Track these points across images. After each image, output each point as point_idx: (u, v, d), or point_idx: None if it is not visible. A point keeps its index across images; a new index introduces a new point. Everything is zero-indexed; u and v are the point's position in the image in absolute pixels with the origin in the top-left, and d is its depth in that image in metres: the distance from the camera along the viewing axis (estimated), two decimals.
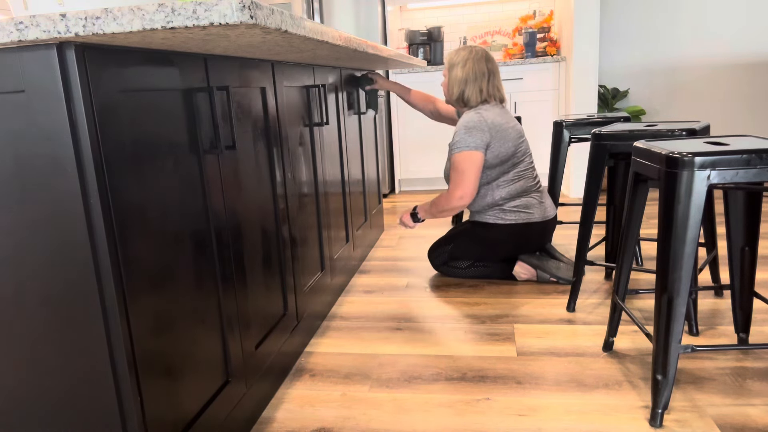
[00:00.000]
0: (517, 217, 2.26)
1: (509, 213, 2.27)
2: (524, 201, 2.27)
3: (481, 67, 2.26)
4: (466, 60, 2.27)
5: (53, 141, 0.84)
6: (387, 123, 4.24)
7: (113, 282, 0.89)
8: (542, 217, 2.29)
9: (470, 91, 2.27)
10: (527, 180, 2.30)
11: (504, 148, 2.22)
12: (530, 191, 2.30)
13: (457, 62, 2.29)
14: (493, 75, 2.29)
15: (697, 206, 1.23)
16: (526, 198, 2.28)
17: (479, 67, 2.26)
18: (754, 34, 3.92)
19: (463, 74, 2.27)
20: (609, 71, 4.18)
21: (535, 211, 2.27)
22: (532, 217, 2.26)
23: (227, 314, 1.26)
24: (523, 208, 2.27)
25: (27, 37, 0.79)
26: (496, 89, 2.30)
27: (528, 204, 2.27)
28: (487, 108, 2.26)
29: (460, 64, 2.28)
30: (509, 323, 1.93)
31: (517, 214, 2.26)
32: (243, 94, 1.39)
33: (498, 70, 2.32)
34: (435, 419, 1.40)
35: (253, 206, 1.43)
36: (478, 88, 2.26)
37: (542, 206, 2.30)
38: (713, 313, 1.92)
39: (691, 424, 1.32)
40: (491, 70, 2.29)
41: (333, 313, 2.12)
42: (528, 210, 2.27)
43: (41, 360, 0.95)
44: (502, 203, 2.28)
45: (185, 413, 1.10)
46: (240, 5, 0.78)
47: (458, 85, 2.29)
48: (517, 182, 2.28)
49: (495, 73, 2.30)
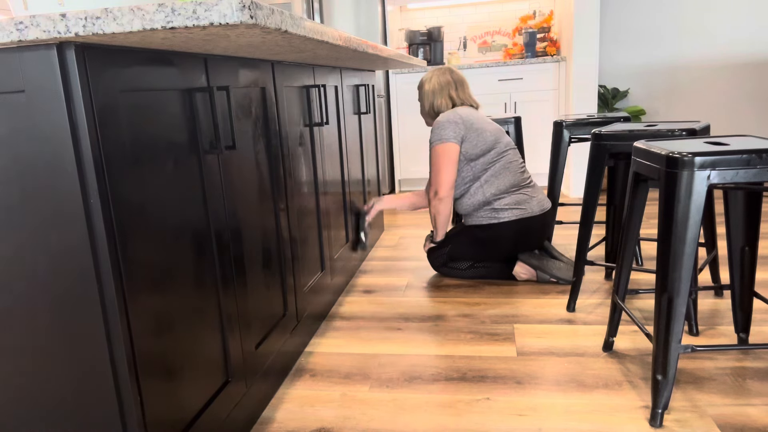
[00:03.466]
0: (510, 214, 2.27)
1: (502, 211, 2.28)
2: (515, 198, 2.29)
3: (446, 77, 2.42)
4: (430, 77, 2.45)
5: (53, 141, 0.84)
6: (387, 123, 4.24)
7: (113, 282, 0.89)
8: (536, 210, 2.30)
9: (440, 100, 2.41)
10: (515, 174, 2.32)
11: (482, 138, 2.29)
12: (520, 186, 2.32)
13: (424, 81, 2.47)
14: (460, 84, 2.43)
15: (697, 206, 1.23)
16: (517, 194, 2.30)
17: (444, 78, 2.42)
18: (754, 34, 3.92)
19: (430, 87, 2.43)
20: (609, 71, 4.18)
21: (528, 206, 2.28)
22: (525, 213, 2.27)
23: (227, 314, 1.26)
24: (515, 205, 2.28)
25: (27, 37, 0.79)
26: (467, 96, 2.44)
27: (519, 200, 2.29)
28: (460, 110, 2.35)
29: (426, 82, 2.46)
30: (509, 323, 1.93)
31: (510, 211, 2.27)
32: (243, 94, 1.39)
33: (465, 81, 2.46)
34: (435, 419, 1.40)
35: (253, 206, 1.43)
36: (447, 96, 2.41)
37: (535, 201, 2.31)
38: (713, 313, 1.92)
39: (691, 424, 1.32)
40: (456, 80, 2.43)
41: (333, 313, 2.12)
42: (520, 206, 2.28)
43: (41, 360, 0.95)
44: (493, 201, 2.29)
45: (185, 413, 1.10)
46: (240, 5, 0.78)
47: (428, 98, 2.44)
48: (504, 176, 2.30)
49: (461, 82, 2.44)
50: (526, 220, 2.27)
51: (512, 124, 2.87)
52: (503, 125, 2.88)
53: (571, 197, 3.92)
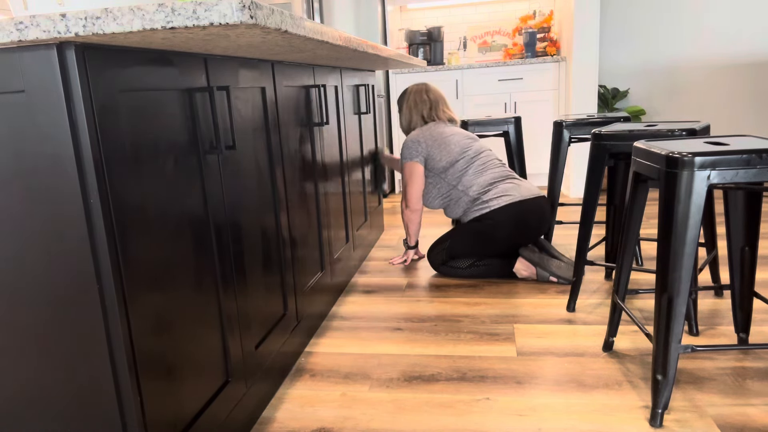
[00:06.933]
0: (501, 200, 2.33)
1: (492, 200, 2.35)
2: (501, 187, 2.38)
3: (422, 97, 2.66)
4: (407, 97, 2.70)
5: (53, 141, 0.84)
6: (387, 123, 4.24)
7: (113, 282, 0.89)
8: (527, 195, 2.35)
9: (415, 118, 2.67)
10: (494, 170, 2.44)
11: (446, 151, 2.48)
12: (504, 178, 2.42)
13: (403, 101, 2.72)
14: (434, 102, 2.65)
15: (697, 206, 1.23)
16: (502, 185, 2.39)
17: (419, 98, 2.67)
18: (754, 34, 3.92)
19: (407, 107, 2.69)
20: (609, 71, 4.18)
21: (517, 192, 2.35)
22: (515, 198, 2.33)
23: (227, 314, 1.26)
24: (503, 193, 2.36)
25: (27, 37, 0.79)
26: (441, 111, 2.65)
27: (506, 189, 2.37)
28: (429, 126, 2.58)
29: (404, 102, 2.71)
30: (509, 323, 1.93)
31: (500, 198, 2.34)
32: (243, 94, 1.39)
33: (440, 99, 2.67)
34: (435, 419, 1.40)
35: (253, 206, 1.43)
36: (420, 115, 2.65)
37: (522, 188, 2.38)
38: (713, 313, 1.92)
39: (691, 424, 1.32)
40: (432, 99, 2.66)
41: (333, 313, 2.12)
42: (508, 193, 2.35)
43: (41, 360, 0.95)
44: (480, 196, 2.38)
45: (185, 413, 1.10)
46: (240, 5, 0.78)
47: (405, 116, 2.71)
48: (483, 174, 2.42)
49: (436, 101, 2.66)
50: (518, 204, 2.31)
51: (512, 124, 2.87)
52: (503, 125, 2.88)
53: (571, 197, 3.92)
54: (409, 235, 2.66)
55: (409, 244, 2.67)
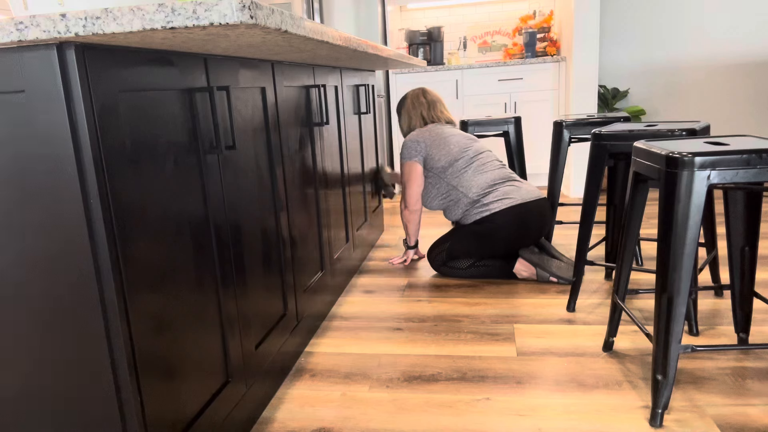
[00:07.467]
0: (501, 204, 2.32)
1: (493, 204, 2.34)
2: (502, 190, 2.37)
3: (419, 99, 2.70)
4: (405, 101, 2.74)
5: (53, 141, 0.84)
6: (387, 123, 4.24)
7: (113, 282, 0.89)
8: (527, 197, 2.34)
9: (415, 119, 2.70)
10: (493, 171, 2.43)
11: (445, 151, 2.48)
12: (504, 180, 2.41)
13: (402, 106, 2.76)
14: (432, 104, 2.69)
15: (697, 206, 1.23)
16: (502, 187, 2.38)
17: (417, 100, 2.71)
18: (754, 34, 3.92)
19: (405, 110, 2.73)
20: (609, 71, 4.18)
21: (517, 195, 2.34)
22: (516, 201, 2.32)
23: (227, 314, 1.26)
24: (504, 196, 2.35)
25: (27, 37, 0.79)
26: (440, 112, 2.69)
27: (507, 191, 2.36)
28: (429, 127, 2.61)
29: (403, 106, 2.75)
30: (509, 323, 1.93)
31: (500, 201, 2.33)
32: (243, 94, 1.39)
33: (437, 101, 2.71)
34: (435, 419, 1.40)
35: (253, 206, 1.43)
36: (419, 116, 2.69)
37: (523, 190, 2.37)
38: (713, 313, 1.92)
39: (691, 424, 1.32)
40: (429, 101, 2.70)
41: (333, 313, 2.12)
42: (509, 196, 2.34)
43: (41, 360, 0.95)
44: (480, 198, 2.37)
45: (185, 413, 1.10)
46: (240, 5, 0.78)
47: (405, 119, 2.74)
48: (483, 175, 2.42)
49: (433, 103, 2.70)
50: (519, 207, 2.30)
51: (512, 124, 2.87)
52: (503, 125, 2.88)
53: (571, 197, 3.92)
54: (408, 235, 2.66)
55: (409, 244, 2.68)
